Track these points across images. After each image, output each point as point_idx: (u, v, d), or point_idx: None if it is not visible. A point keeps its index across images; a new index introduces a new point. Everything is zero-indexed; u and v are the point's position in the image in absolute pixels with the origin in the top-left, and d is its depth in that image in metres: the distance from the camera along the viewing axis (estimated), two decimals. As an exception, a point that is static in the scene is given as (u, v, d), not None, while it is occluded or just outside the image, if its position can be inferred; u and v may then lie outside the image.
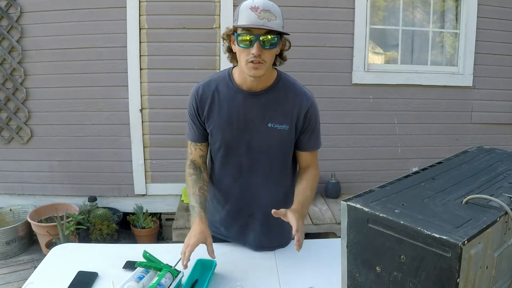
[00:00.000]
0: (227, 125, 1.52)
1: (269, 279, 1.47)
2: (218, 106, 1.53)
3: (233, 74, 1.54)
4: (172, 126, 3.42)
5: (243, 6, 1.37)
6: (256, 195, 1.61)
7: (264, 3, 1.35)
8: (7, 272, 3.06)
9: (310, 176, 1.60)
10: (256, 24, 1.33)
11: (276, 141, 1.53)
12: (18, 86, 3.39)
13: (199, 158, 1.63)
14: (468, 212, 0.92)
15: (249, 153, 1.55)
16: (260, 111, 1.51)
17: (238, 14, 1.38)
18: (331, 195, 3.58)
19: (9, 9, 3.28)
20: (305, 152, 1.61)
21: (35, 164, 3.55)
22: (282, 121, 1.51)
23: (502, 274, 0.96)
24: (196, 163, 1.62)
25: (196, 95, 1.54)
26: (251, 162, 1.56)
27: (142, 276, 1.34)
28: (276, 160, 1.58)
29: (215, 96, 1.53)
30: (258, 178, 1.58)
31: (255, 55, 1.36)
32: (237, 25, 1.38)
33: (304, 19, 3.38)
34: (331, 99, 3.49)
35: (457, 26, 3.59)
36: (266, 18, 1.34)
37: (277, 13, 1.37)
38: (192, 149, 1.63)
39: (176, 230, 3.09)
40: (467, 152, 1.35)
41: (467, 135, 3.69)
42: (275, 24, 1.35)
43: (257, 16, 1.33)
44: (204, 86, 1.55)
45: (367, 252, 0.96)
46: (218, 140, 1.56)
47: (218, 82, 1.55)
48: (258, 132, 1.52)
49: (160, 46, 3.39)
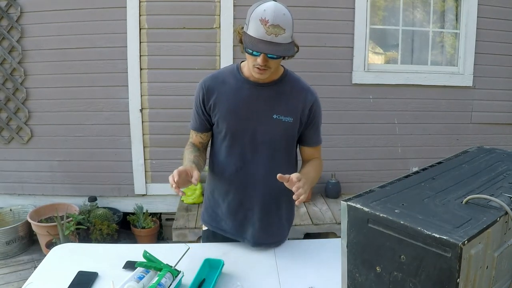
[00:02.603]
0: (233, 114, 1.56)
1: (269, 279, 1.47)
2: (225, 96, 1.57)
3: (242, 67, 1.59)
4: (172, 126, 3.42)
5: (255, 14, 1.37)
6: (257, 189, 1.62)
7: (274, 16, 1.34)
8: (7, 272, 3.06)
9: (314, 162, 1.67)
10: (264, 38, 1.35)
11: (280, 132, 1.57)
12: (18, 86, 3.39)
13: (198, 143, 1.69)
14: (468, 212, 0.92)
15: (253, 143, 1.58)
16: (265, 102, 1.55)
17: (249, 20, 1.39)
18: (331, 195, 3.58)
19: (9, 9, 3.28)
20: (309, 147, 1.67)
21: (35, 164, 3.55)
22: (287, 113, 1.55)
23: (502, 274, 0.96)
24: (194, 145, 1.68)
25: (203, 86, 1.59)
26: (254, 153, 1.59)
27: (142, 276, 1.34)
28: (279, 153, 1.61)
29: (222, 86, 1.58)
30: (260, 170, 1.60)
31: (260, 64, 1.42)
32: (247, 31, 1.40)
33: (304, 19, 3.38)
34: (331, 99, 3.49)
35: (457, 26, 3.59)
36: (274, 34, 1.35)
37: (286, 24, 1.36)
38: (193, 135, 1.69)
39: (176, 230, 3.09)
40: (467, 152, 1.35)
41: (467, 135, 3.69)
42: (283, 38, 1.37)
43: (265, 31, 1.34)
44: (212, 77, 1.61)
45: (367, 252, 0.96)
46: (224, 128, 1.59)
47: (226, 75, 1.60)
48: (263, 122, 1.56)
49: (160, 46, 3.39)
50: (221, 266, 1.47)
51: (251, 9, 1.40)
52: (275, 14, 1.34)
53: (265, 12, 1.35)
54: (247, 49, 1.41)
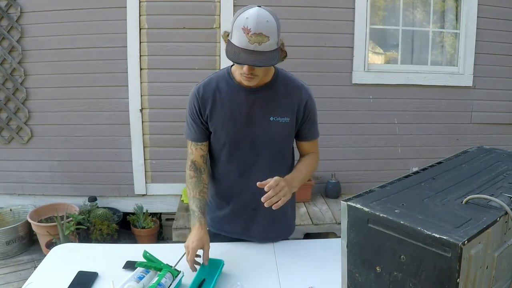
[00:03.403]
0: (231, 122, 1.55)
1: (269, 279, 1.47)
2: (220, 104, 1.55)
3: (233, 72, 1.56)
4: (172, 126, 3.42)
5: (238, 22, 1.34)
6: (261, 189, 1.61)
7: (257, 24, 1.30)
8: (7, 272, 3.06)
9: (309, 157, 1.68)
10: (247, 48, 1.32)
11: (278, 133, 1.58)
12: (18, 86, 3.39)
13: (199, 158, 1.64)
14: (468, 212, 0.92)
15: (253, 147, 1.58)
16: (261, 106, 1.55)
17: (233, 29, 1.36)
18: (331, 195, 3.58)
19: (9, 9, 3.28)
20: (306, 142, 1.67)
21: (35, 164, 3.55)
22: (283, 114, 1.56)
23: (502, 274, 0.96)
24: (197, 164, 1.63)
25: (197, 95, 1.56)
26: (255, 156, 1.60)
27: (142, 276, 1.34)
28: (279, 152, 1.62)
29: (216, 94, 1.55)
30: (262, 171, 1.60)
31: (246, 74, 1.41)
32: (231, 40, 1.37)
33: (304, 19, 3.38)
34: (331, 99, 3.50)
35: (457, 26, 3.59)
36: (257, 42, 1.32)
37: (270, 31, 1.33)
38: (192, 149, 1.64)
39: (176, 230, 3.09)
40: (467, 152, 1.35)
41: (467, 135, 3.69)
42: (267, 46, 1.33)
43: (248, 40, 1.31)
44: (204, 85, 1.57)
45: (367, 252, 0.96)
46: (223, 137, 1.58)
47: (218, 81, 1.57)
48: (261, 126, 1.56)
49: (160, 46, 3.39)
50: (221, 266, 1.47)
51: (235, 16, 1.37)
52: (257, 22, 1.30)
53: (248, 20, 1.31)
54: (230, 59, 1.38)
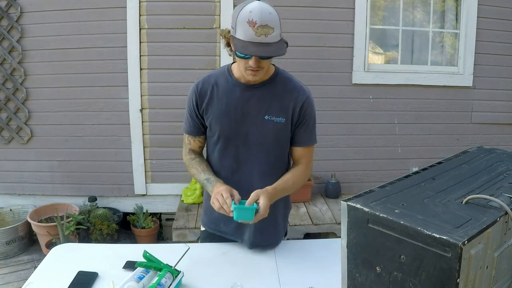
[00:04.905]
0: (225, 117, 1.56)
1: (269, 279, 1.47)
2: (217, 99, 1.57)
3: (232, 69, 1.59)
4: (172, 126, 3.42)
5: (241, 17, 1.36)
6: (252, 190, 1.60)
7: (261, 16, 1.33)
8: (7, 272, 3.06)
9: (296, 170, 1.63)
10: (254, 40, 1.34)
11: (272, 133, 1.56)
12: (18, 86, 3.39)
13: (198, 148, 1.70)
14: (468, 212, 0.92)
15: (246, 145, 1.58)
16: (257, 103, 1.55)
17: (236, 25, 1.37)
18: (331, 195, 3.58)
19: (9, 9, 3.28)
20: (298, 147, 1.63)
21: (35, 164, 3.55)
22: (279, 114, 1.55)
23: (502, 274, 0.96)
24: (195, 151, 1.69)
25: (196, 89, 1.59)
26: (248, 155, 1.59)
27: (142, 276, 1.34)
28: (272, 154, 1.61)
29: (214, 89, 1.58)
30: (254, 172, 1.60)
31: (253, 67, 1.41)
32: (235, 35, 1.38)
33: (304, 19, 3.38)
34: (331, 99, 3.49)
35: (457, 26, 3.59)
36: (264, 34, 1.34)
37: (274, 23, 1.36)
38: (190, 140, 1.68)
39: (176, 230, 3.09)
40: (467, 152, 1.35)
41: (467, 135, 3.69)
42: (273, 37, 1.36)
43: (255, 32, 1.33)
44: (204, 81, 1.61)
45: (367, 252, 0.96)
46: (217, 131, 1.59)
47: (217, 77, 1.60)
48: (255, 124, 1.55)
49: (160, 46, 3.39)
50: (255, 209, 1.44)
51: (235, 12, 1.39)
52: (262, 14, 1.33)
53: (252, 13, 1.33)
54: (238, 53, 1.39)
